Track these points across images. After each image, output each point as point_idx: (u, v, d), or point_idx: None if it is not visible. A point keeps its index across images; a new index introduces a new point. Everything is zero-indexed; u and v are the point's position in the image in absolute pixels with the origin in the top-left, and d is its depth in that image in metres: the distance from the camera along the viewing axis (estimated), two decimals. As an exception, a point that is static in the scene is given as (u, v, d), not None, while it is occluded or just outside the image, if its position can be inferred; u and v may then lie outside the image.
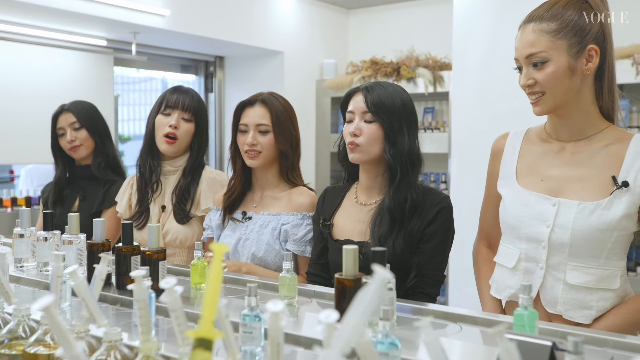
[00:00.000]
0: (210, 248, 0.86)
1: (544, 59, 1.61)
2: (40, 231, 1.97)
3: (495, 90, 3.91)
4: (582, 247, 1.59)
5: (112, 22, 4.29)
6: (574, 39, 1.59)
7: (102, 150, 2.80)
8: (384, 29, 5.78)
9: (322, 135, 5.61)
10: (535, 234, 1.66)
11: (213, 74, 5.73)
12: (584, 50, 1.60)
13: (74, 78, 4.77)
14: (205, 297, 0.80)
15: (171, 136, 2.38)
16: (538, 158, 1.74)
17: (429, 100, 5.31)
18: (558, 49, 1.60)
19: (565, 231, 1.60)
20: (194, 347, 0.77)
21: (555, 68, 1.60)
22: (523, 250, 1.69)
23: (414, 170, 1.90)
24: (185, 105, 2.40)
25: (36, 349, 1.19)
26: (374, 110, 1.88)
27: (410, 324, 1.44)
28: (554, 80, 1.61)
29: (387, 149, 1.88)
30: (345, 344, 0.69)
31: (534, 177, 1.72)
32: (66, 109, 2.80)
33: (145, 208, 2.43)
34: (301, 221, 2.13)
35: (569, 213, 1.61)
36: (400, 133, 1.89)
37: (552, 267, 1.64)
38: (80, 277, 1.10)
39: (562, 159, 1.69)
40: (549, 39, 1.60)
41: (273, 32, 5.31)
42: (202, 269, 1.77)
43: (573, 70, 1.60)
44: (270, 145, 2.16)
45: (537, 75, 1.62)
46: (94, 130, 2.80)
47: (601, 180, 1.61)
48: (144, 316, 1.04)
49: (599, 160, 1.64)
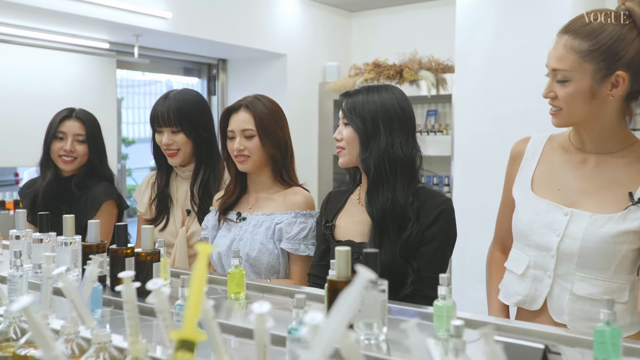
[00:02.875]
0: (196, 248, 0.85)
1: (567, 78, 1.56)
2: (36, 233, 1.96)
3: (498, 93, 3.89)
4: (591, 258, 1.57)
5: (115, 25, 4.30)
6: (603, 63, 1.53)
7: (97, 170, 2.67)
8: (387, 32, 5.77)
9: (324, 138, 5.60)
10: (544, 242, 1.63)
11: (216, 76, 5.73)
12: (611, 76, 1.54)
13: (77, 81, 4.78)
14: (189, 298, 0.79)
15: (170, 151, 2.42)
16: (558, 167, 1.71)
17: (431, 102, 5.29)
18: (583, 72, 1.54)
19: (575, 241, 1.58)
20: (176, 348, 0.76)
21: (576, 90, 1.56)
22: (532, 257, 1.67)
23: (397, 172, 1.88)
24: (166, 120, 2.39)
25: (26, 351, 1.18)
26: (347, 114, 1.92)
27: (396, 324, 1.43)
28: (572, 101, 1.57)
29: (360, 153, 1.90)
30: (326, 345, 0.68)
31: (550, 185, 1.69)
32: (77, 117, 2.66)
33: (164, 207, 2.47)
34: (295, 219, 2.13)
35: (580, 224, 1.58)
36: (374, 135, 1.88)
37: (559, 277, 1.62)
38: (68, 278, 1.09)
39: (583, 171, 1.66)
40: (576, 59, 1.55)
41: (276, 34, 5.31)
42: (239, 278, 1.71)
43: (594, 94, 1.55)
44: (257, 149, 2.16)
45: (558, 90, 1.59)
46: (94, 147, 2.67)
47: (618, 196, 1.58)
48: (132, 317, 1.03)
49: (620, 175, 1.61)
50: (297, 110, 5.33)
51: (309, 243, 2.12)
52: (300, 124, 5.30)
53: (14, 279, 1.54)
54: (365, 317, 1.24)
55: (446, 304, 1.31)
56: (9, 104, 4.39)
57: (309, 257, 2.11)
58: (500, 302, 1.78)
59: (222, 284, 1.87)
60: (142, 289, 1.23)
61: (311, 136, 5.60)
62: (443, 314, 1.30)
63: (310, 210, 2.18)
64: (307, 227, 2.13)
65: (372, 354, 1.20)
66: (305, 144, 5.44)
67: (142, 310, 1.42)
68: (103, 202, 2.59)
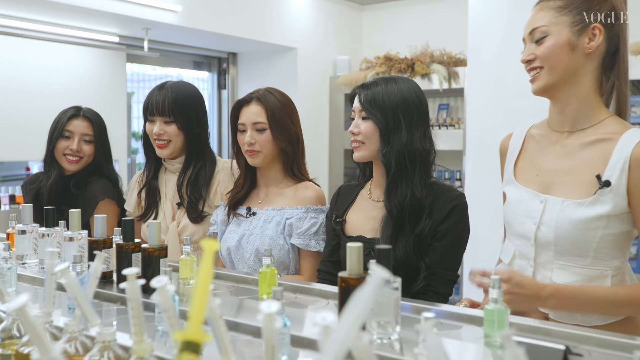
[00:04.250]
0: (201, 245, 0.81)
1: (545, 33, 1.59)
2: (42, 228, 1.94)
3: (511, 86, 3.82)
4: (567, 245, 1.55)
5: (124, 18, 4.27)
6: (579, 16, 1.57)
7: (101, 170, 2.63)
8: (398, 25, 5.71)
9: (335, 132, 5.55)
10: (524, 231, 1.63)
11: (226, 70, 5.70)
12: (588, 29, 1.56)
13: (87, 75, 4.76)
14: (194, 297, 0.76)
15: (160, 141, 2.35)
16: (537, 151, 1.71)
17: (443, 96, 5.23)
18: (560, 24, 1.58)
19: (550, 229, 1.56)
20: (180, 350, 0.73)
21: (555, 42, 1.57)
22: (517, 247, 1.67)
23: (416, 167, 1.84)
24: (160, 110, 2.32)
25: (29, 349, 1.15)
26: (367, 107, 1.86)
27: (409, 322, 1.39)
28: (552, 54, 1.58)
29: (381, 147, 1.85)
30: (339, 348, 0.64)
31: (530, 172, 1.69)
32: (85, 116, 2.61)
33: (153, 201, 2.42)
34: (305, 214, 2.09)
35: (553, 211, 1.57)
36: (396, 129, 1.83)
37: (540, 265, 1.61)
38: (71, 274, 1.06)
39: (555, 151, 1.65)
40: (552, 15, 1.59)
41: (286, 28, 5.26)
42: (271, 278, 1.59)
43: (573, 47, 1.57)
44: (269, 142, 2.12)
45: (537, 50, 1.60)
46: (101, 148, 2.63)
47: (587, 178, 1.55)
48: (136, 316, 1.00)
49: (587, 155, 1.58)
50: (307, 104, 5.29)
51: (320, 239, 2.09)
52: (310, 118, 5.25)
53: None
54: (378, 316, 1.20)
55: (498, 307, 1.23)
56: (19, 98, 4.37)
57: (320, 252, 2.07)
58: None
59: (243, 282, 1.85)
60: (148, 286, 1.19)
61: (322, 130, 5.56)
62: (494, 318, 1.22)
63: (321, 205, 2.14)
64: (318, 223, 2.09)
65: (384, 354, 1.16)
66: (315, 138, 5.40)
67: (149, 307, 1.38)
68: (99, 200, 2.53)
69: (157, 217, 2.42)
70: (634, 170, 1.50)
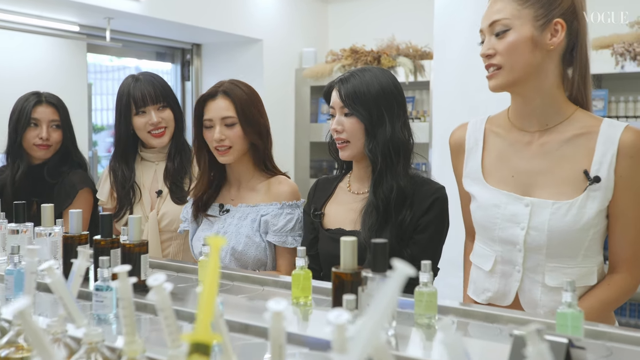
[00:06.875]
0: (207, 241, 0.78)
1: (507, 27, 1.53)
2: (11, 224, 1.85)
3: (477, 80, 3.82)
4: (559, 247, 1.53)
5: (85, 7, 4.14)
6: (541, 10, 1.52)
7: (70, 157, 2.55)
8: (364, 17, 5.69)
9: (301, 124, 5.51)
10: (509, 236, 1.58)
11: (190, 61, 5.59)
12: (550, 24, 1.52)
13: (45, 65, 4.59)
14: (202, 297, 0.72)
15: (159, 130, 2.35)
16: (506, 151, 1.64)
17: (409, 89, 5.24)
18: (522, 18, 1.52)
19: (541, 233, 1.53)
20: (189, 353, 0.69)
21: (517, 38, 1.52)
22: (499, 252, 1.62)
23: (400, 158, 1.83)
24: (153, 98, 2.31)
25: (7, 352, 1.09)
26: (349, 103, 1.82)
27: (405, 318, 1.38)
28: (513, 51, 1.52)
29: (366, 143, 1.82)
30: (363, 349, 0.62)
31: (502, 172, 1.63)
32: (49, 102, 2.51)
33: (131, 195, 2.37)
34: (281, 210, 2.05)
35: (543, 214, 1.53)
36: (380, 122, 1.81)
37: (529, 270, 1.57)
38: (57, 273, 1.01)
39: (532, 151, 1.60)
40: (515, 7, 1.53)
41: (252, 19, 5.19)
42: (305, 281, 1.48)
43: (536, 44, 1.52)
44: (239, 137, 2.05)
45: (498, 45, 1.54)
46: (68, 133, 2.55)
47: (572, 175, 1.53)
48: (128, 315, 0.95)
49: (568, 151, 1.55)
50: (273, 96, 5.22)
51: (296, 235, 2.05)
52: (276, 110, 5.19)
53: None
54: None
55: (572, 311, 1.20)
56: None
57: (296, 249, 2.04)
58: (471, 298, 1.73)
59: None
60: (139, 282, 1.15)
61: (287, 122, 5.51)
62: (567, 323, 1.19)
63: (296, 200, 2.11)
64: (294, 219, 2.06)
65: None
66: (281, 131, 5.34)
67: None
68: (79, 189, 2.48)
69: (133, 209, 2.37)
70: (621, 159, 1.49)
